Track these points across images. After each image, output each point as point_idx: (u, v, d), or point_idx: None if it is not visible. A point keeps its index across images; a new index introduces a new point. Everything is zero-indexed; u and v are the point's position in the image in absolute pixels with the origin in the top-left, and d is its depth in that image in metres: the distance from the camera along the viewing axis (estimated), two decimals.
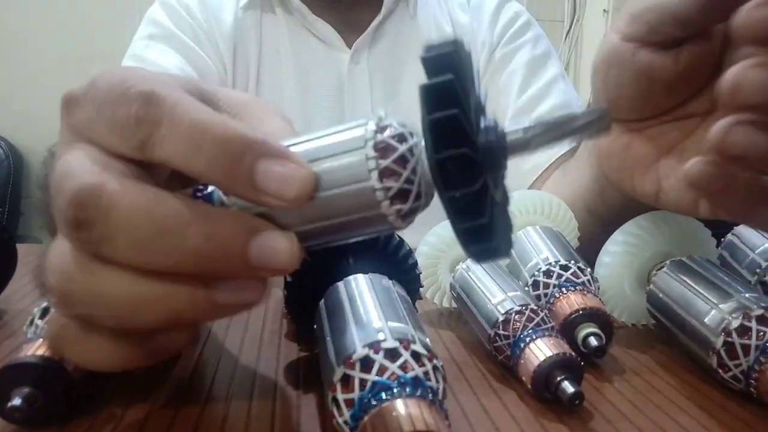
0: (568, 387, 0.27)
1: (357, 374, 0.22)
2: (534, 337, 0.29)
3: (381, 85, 0.73)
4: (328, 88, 0.73)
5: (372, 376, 0.22)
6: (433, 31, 0.75)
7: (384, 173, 0.19)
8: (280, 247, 0.19)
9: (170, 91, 0.19)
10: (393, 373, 0.22)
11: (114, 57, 0.73)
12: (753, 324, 0.28)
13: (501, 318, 0.31)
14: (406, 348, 0.22)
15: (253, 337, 0.34)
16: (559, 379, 0.27)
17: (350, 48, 0.72)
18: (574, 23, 1.65)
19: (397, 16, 0.74)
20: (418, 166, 0.20)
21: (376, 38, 0.73)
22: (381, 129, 0.20)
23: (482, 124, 0.19)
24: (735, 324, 0.29)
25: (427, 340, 0.24)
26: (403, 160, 0.19)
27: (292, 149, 0.20)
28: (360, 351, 0.22)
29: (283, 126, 0.24)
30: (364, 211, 0.20)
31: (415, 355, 0.22)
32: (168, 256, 0.19)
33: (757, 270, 0.37)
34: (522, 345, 0.29)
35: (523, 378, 0.29)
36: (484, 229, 0.19)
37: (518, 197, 0.43)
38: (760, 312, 0.29)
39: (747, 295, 0.30)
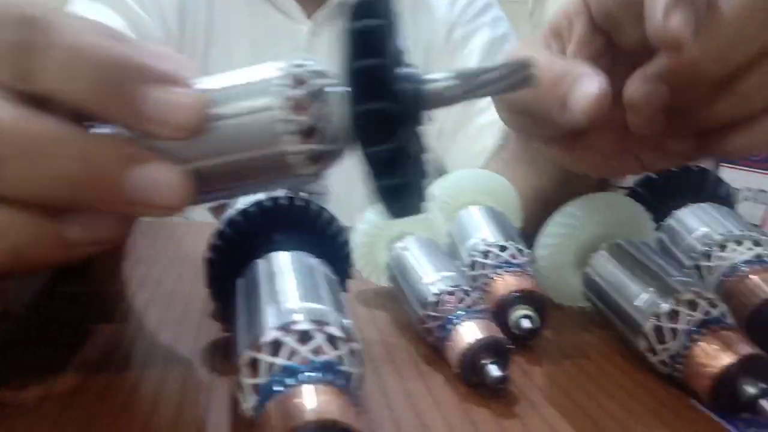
0: (493, 370, 0.26)
1: (265, 358, 0.20)
2: (463, 319, 0.28)
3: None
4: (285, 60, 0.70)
5: (280, 360, 0.20)
6: None
7: (293, 106, 0.18)
8: (160, 179, 0.18)
9: (56, 16, 0.17)
10: (303, 357, 0.20)
11: None
12: (682, 308, 0.28)
13: (431, 299, 0.30)
14: (321, 330, 0.21)
15: (173, 314, 0.33)
16: (484, 362, 0.26)
17: (310, 20, 0.70)
18: (536, 3, 1.65)
19: None
20: (331, 108, 0.18)
21: (338, 12, 0.71)
22: (298, 65, 0.19)
23: (402, 72, 0.18)
24: (665, 308, 0.28)
25: (347, 321, 0.22)
26: (315, 97, 0.18)
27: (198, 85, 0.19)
28: (270, 333, 0.21)
29: None
30: (267, 147, 0.18)
31: (331, 338, 0.21)
32: (38, 180, 0.17)
33: (692, 254, 0.37)
34: (450, 327, 0.28)
35: (451, 361, 0.28)
36: (400, 187, 0.18)
37: (462, 176, 0.42)
38: (689, 296, 0.28)
39: (678, 278, 0.30)
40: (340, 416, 0.18)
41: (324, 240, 0.30)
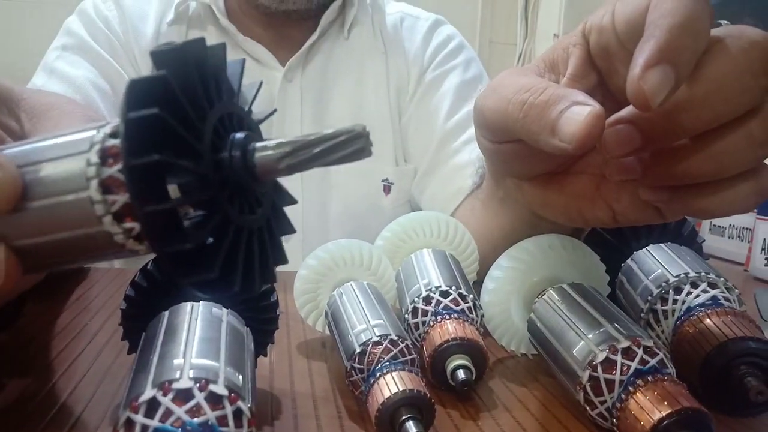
0: (411, 428, 0.24)
1: (140, 419, 0.19)
2: (387, 371, 0.27)
3: (311, 103, 0.72)
4: (258, 105, 0.71)
5: (154, 422, 0.19)
6: (365, 52, 0.73)
7: (107, 183, 0.17)
8: None
9: None
10: (178, 419, 0.19)
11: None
12: (618, 357, 0.27)
13: (357, 350, 0.28)
14: (203, 388, 0.20)
15: (101, 366, 0.31)
16: (403, 418, 0.25)
17: (283, 65, 0.70)
18: (525, 45, 1.67)
19: (331, 36, 0.73)
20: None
21: (310, 57, 0.72)
22: (112, 134, 0.17)
23: (233, 138, 0.17)
24: (601, 357, 0.27)
25: (239, 378, 0.21)
26: None
27: (13, 150, 0.18)
28: (147, 392, 0.20)
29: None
30: (87, 227, 0.17)
31: (213, 397, 0.20)
32: None
33: (649, 297, 0.36)
34: (372, 380, 0.27)
35: (372, 416, 0.26)
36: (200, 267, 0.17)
37: (416, 218, 0.41)
38: (626, 344, 0.27)
39: (619, 325, 0.28)
40: None
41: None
